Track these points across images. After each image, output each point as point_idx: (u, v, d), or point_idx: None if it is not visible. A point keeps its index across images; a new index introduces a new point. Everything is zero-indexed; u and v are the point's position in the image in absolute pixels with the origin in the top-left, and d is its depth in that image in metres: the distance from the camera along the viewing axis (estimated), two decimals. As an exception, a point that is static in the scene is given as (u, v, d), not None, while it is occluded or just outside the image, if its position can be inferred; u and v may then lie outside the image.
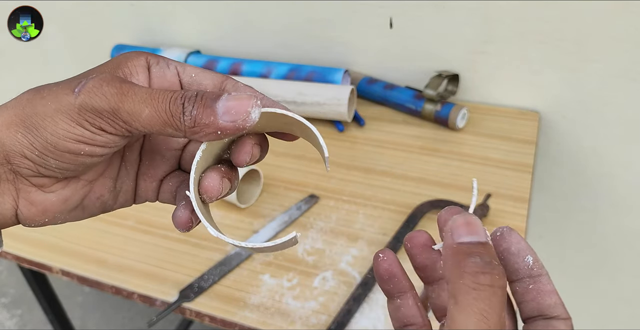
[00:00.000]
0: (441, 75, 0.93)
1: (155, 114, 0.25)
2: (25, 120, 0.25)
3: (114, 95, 0.25)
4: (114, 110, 0.25)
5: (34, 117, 0.25)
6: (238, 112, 0.25)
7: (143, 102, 0.25)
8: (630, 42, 0.83)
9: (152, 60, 0.28)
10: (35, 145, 0.25)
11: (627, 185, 0.97)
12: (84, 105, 0.25)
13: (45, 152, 0.25)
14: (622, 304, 1.15)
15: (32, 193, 0.27)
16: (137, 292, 0.68)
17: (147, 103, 0.25)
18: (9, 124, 0.25)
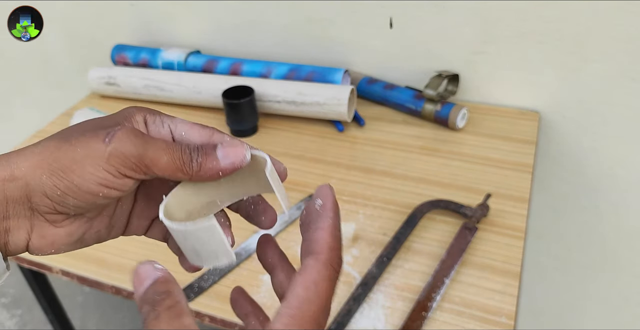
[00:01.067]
0: (441, 75, 0.93)
1: (171, 161, 0.30)
2: (51, 164, 0.29)
3: (140, 144, 0.30)
4: (140, 156, 0.29)
5: (62, 161, 0.29)
6: (236, 155, 0.31)
7: (162, 151, 0.30)
8: (630, 42, 0.83)
9: (149, 118, 0.33)
10: (58, 186, 0.29)
11: (627, 184, 0.97)
12: (114, 152, 0.29)
13: (67, 192, 0.29)
14: (622, 304, 1.15)
15: (45, 228, 0.31)
16: (137, 292, 0.68)
17: (165, 152, 0.30)
18: (35, 167, 0.29)
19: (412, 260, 0.70)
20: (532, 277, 1.17)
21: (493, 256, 0.69)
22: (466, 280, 0.67)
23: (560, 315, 1.24)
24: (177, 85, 1.01)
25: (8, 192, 0.29)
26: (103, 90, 1.09)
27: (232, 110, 0.93)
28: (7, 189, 0.29)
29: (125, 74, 1.06)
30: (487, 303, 0.64)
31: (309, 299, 0.27)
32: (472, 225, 0.72)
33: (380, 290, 0.66)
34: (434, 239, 0.72)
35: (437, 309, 0.63)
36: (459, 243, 0.70)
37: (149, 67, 1.11)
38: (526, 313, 1.24)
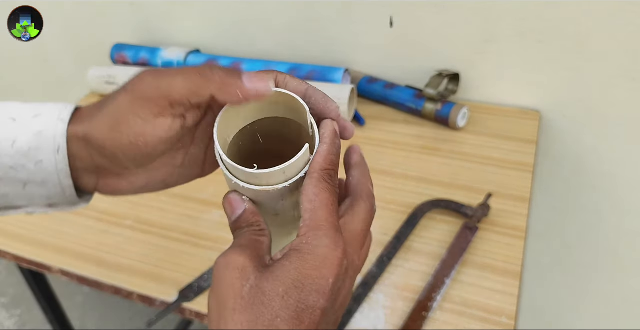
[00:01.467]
0: (442, 74, 0.92)
1: (188, 78, 0.31)
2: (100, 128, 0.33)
3: (154, 78, 0.31)
4: (157, 88, 0.31)
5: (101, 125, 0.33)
6: (260, 81, 0.31)
7: (176, 74, 0.31)
8: (631, 42, 0.83)
9: None
10: (105, 147, 0.33)
11: (628, 184, 0.97)
12: (133, 97, 0.31)
13: (115, 151, 0.32)
14: (623, 303, 1.15)
15: (108, 178, 0.35)
16: (137, 292, 0.68)
17: (178, 73, 0.31)
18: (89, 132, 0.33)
19: (412, 260, 0.70)
20: (533, 277, 1.16)
21: (494, 256, 0.69)
22: (467, 280, 0.67)
23: (561, 315, 1.23)
24: (177, 84, 1.01)
25: (75, 150, 0.34)
26: (103, 90, 1.09)
27: (232, 110, 0.92)
28: (74, 147, 0.34)
29: (125, 73, 1.06)
30: (488, 303, 0.64)
31: (314, 209, 0.30)
32: (473, 225, 0.72)
33: (381, 290, 0.66)
34: (434, 239, 0.72)
35: (437, 309, 0.63)
36: (459, 243, 0.70)
37: (149, 67, 1.11)
38: (527, 313, 1.24)
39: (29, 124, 0.33)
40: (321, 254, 0.28)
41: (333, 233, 0.29)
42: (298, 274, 0.28)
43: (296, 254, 0.28)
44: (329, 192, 0.30)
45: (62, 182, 0.34)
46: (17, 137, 0.33)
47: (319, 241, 0.29)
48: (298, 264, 0.28)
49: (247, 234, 0.31)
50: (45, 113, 0.34)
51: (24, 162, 0.33)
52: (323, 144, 0.32)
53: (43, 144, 0.33)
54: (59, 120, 0.33)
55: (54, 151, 0.33)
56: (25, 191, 0.34)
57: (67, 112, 0.34)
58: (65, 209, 0.37)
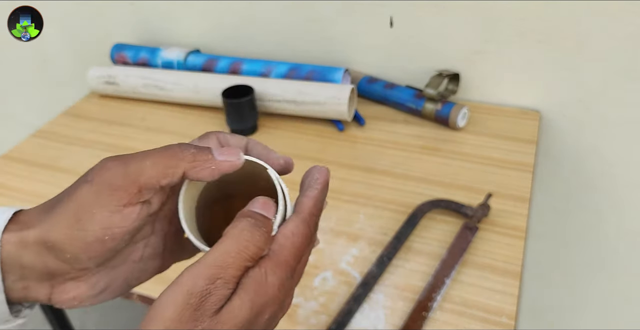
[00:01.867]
0: (442, 74, 0.92)
1: (157, 161, 0.29)
2: (56, 228, 0.30)
3: (120, 164, 0.29)
4: (125, 174, 0.29)
5: (61, 225, 0.30)
6: (230, 153, 0.31)
7: (142, 157, 0.30)
8: (630, 42, 0.83)
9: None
10: (66, 250, 0.29)
11: (628, 184, 0.97)
12: (99, 186, 0.29)
13: (77, 252, 0.29)
14: (623, 303, 1.15)
15: (66, 284, 0.31)
16: (137, 293, 0.68)
17: (145, 156, 0.30)
18: (42, 234, 0.30)
19: (412, 260, 0.70)
20: (533, 277, 1.16)
21: (494, 256, 0.69)
22: (467, 280, 0.67)
23: (561, 315, 1.23)
24: (177, 84, 1.01)
25: (23, 258, 0.30)
26: (102, 90, 1.09)
27: (232, 110, 0.92)
28: (21, 254, 0.30)
29: (125, 73, 1.06)
30: (488, 303, 0.64)
31: (284, 246, 0.29)
32: (473, 225, 0.72)
33: (381, 290, 0.66)
34: (434, 239, 0.72)
35: (437, 309, 0.63)
36: (459, 243, 0.70)
37: (149, 66, 1.11)
38: (527, 313, 1.24)
39: None
40: (274, 293, 0.28)
41: (288, 275, 0.29)
42: (249, 314, 0.28)
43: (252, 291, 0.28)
44: (304, 238, 0.30)
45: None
46: None
47: (276, 279, 0.28)
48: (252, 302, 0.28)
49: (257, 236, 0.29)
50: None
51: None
52: (315, 189, 0.31)
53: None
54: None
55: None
56: None
57: (2, 219, 0.30)
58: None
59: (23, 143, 0.99)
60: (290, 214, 0.31)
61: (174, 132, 0.98)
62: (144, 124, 1.01)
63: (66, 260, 0.30)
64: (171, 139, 0.96)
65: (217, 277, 0.27)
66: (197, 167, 0.30)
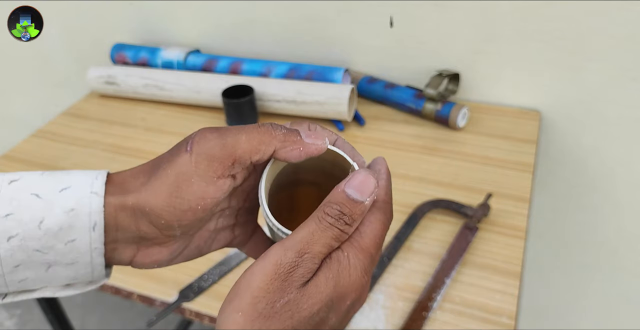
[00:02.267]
0: (442, 74, 0.92)
1: (251, 137, 0.30)
2: (155, 195, 0.30)
3: (218, 136, 0.30)
4: (222, 146, 0.30)
5: (160, 190, 0.30)
6: (317, 137, 0.32)
7: (238, 132, 0.30)
8: (630, 41, 0.83)
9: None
10: (161, 215, 0.30)
11: (628, 184, 0.97)
12: (198, 157, 0.30)
13: (171, 218, 0.30)
14: (622, 304, 1.15)
15: (150, 248, 0.33)
16: (137, 292, 0.68)
17: (240, 131, 0.30)
18: (140, 200, 0.31)
19: (412, 260, 0.70)
20: (533, 277, 1.16)
21: (494, 256, 0.69)
22: (467, 280, 0.67)
23: (561, 315, 1.23)
24: (177, 84, 1.01)
25: (119, 220, 0.31)
26: (103, 90, 1.09)
27: (232, 110, 0.92)
28: (118, 217, 0.31)
29: (125, 73, 1.06)
30: (488, 303, 0.64)
31: (365, 233, 0.30)
32: (473, 225, 0.72)
33: (381, 290, 0.66)
34: (434, 239, 0.72)
35: (437, 309, 0.63)
36: (459, 243, 0.70)
37: (149, 66, 1.11)
38: (527, 313, 1.24)
39: (57, 200, 0.30)
40: (356, 275, 0.29)
41: (372, 257, 0.30)
42: (332, 292, 0.28)
43: (335, 268, 0.28)
44: (382, 225, 0.31)
45: (94, 261, 0.31)
46: (44, 217, 0.29)
47: (358, 261, 0.29)
48: (335, 280, 0.28)
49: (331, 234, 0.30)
50: (75, 185, 0.30)
51: (52, 243, 0.30)
52: (381, 179, 0.32)
53: (76, 222, 0.30)
54: (93, 194, 0.30)
55: (89, 229, 0.30)
56: (47, 273, 0.31)
57: (100, 183, 0.31)
58: (81, 289, 0.34)
59: (23, 143, 0.99)
60: None
61: (174, 132, 0.98)
62: (144, 124, 1.01)
63: (159, 225, 0.31)
64: (171, 139, 0.96)
65: (304, 251, 0.28)
66: (287, 147, 0.31)
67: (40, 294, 0.33)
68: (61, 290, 0.33)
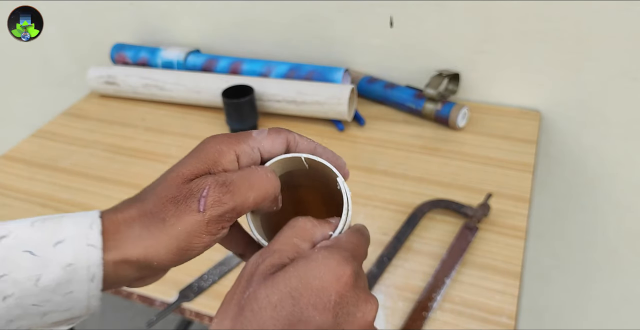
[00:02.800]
0: (442, 74, 0.92)
1: (258, 196, 0.31)
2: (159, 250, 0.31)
3: (230, 199, 0.31)
4: (233, 208, 0.31)
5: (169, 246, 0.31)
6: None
7: (248, 191, 0.31)
8: (631, 41, 0.83)
9: (240, 152, 0.34)
10: (166, 263, 0.31)
11: (628, 184, 0.97)
12: (212, 218, 0.30)
13: (174, 263, 0.31)
14: (623, 304, 1.15)
15: (140, 282, 0.34)
16: (137, 292, 0.68)
17: (251, 191, 0.31)
18: (144, 254, 0.31)
19: (412, 260, 0.70)
20: (533, 277, 1.16)
21: (494, 256, 0.69)
22: (467, 280, 0.67)
23: (561, 315, 1.24)
24: (177, 84, 1.01)
25: (119, 272, 0.31)
26: (103, 90, 1.09)
27: (232, 110, 0.92)
28: (118, 270, 0.31)
29: (125, 73, 1.06)
30: (488, 303, 0.64)
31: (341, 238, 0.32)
32: (473, 225, 0.72)
33: (381, 290, 0.66)
34: (434, 239, 0.72)
35: (437, 309, 0.63)
36: (459, 243, 0.70)
37: (149, 66, 1.11)
38: (527, 313, 1.24)
39: (53, 256, 0.29)
40: (329, 264, 0.28)
41: (348, 254, 0.29)
42: (298, 282, 0.27)
43: (302, 261, 0.28)
44: (364, 240, 0.33)
45: (90, 305, 0.31)
46: (41, 274, 0.29)
47: (331, 254, 0.28)
48: (301, 271, 0.27)
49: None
50: (69, 238, 0.29)
51: (49, 297, 0.29)
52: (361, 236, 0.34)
53: (74, 276, 0.29)
54: (90, 247, 0.30)
55: (88, 281, 0.30)
56: (42, 320, 0.31)
57: (96, 234, 0.30)
58: (74, 323, 0.34)
59: (23, 143, 0.99)
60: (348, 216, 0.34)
61: (174, 132, 0.98)
62: (144, 124, 1.01)
63: (160, 271, 0.33)
64: (171, 139, 0.96)
65: (271, 248, 0.30)
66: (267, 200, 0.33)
67: None
68: (49, 327, 0.33)
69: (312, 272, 0.27)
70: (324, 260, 0.28)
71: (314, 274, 0.27)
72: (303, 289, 0.26)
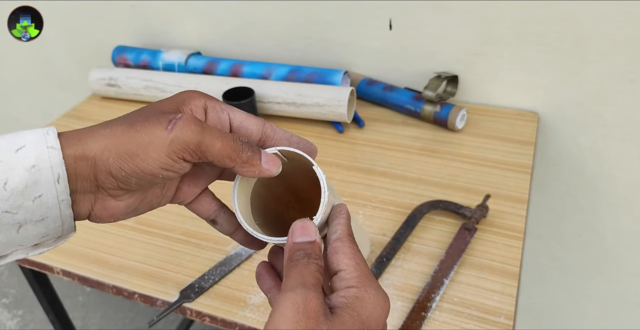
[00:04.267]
0: (440, 76, 0.93)
1: (223, 148, 0.33)
2: (118, 148, 0.32)
3: (199, 131, 0.32)
4: (198, 143, 0.32)
5: (128, 146, 0.32)
6: (273, 164, 0.35)
7: (217, 138, 0.33)
8: (628, 44, 0.83)
9: (209, 104, 0.36)
10: (123, 168, 0.32)
11: (626, 185, 0.98)
12: (175, 139, 0.32)
13: (131, 174, 0.32)
14: (621, 304, 1.16)
15: (107, 201, 0.35)
16: (138, 292, 0.69)
17: (219, 139, 0.33)
18: (103, 149, 0.32)
19: (411, 260, 0.70)
20: (531, 278, 1.17)
21: (492, 257, 0.70)
22: (465, 280, 0.67)
23: (559, 316, 1.24)
24: (178, 86, 1.02)
25: (78, 170, 0.32)
26: (104, 92, 1.09)
27: (233, 112, 0.93)
28: (77, 167, 0.32)
29: (126, 76, 1.07)
30: (486, 303, 0.64)
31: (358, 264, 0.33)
32: (471, 226, 0.73)
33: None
34: (433, 240, 0.73)
35: (436, 309, 0.64)
36: (458, 243, 0.71)
37: (150, 69, 1.12)
38: (525, 313, 1.24)
39: (16, 160, 0.31)
40: (380, 304, 0.32)
41: (380, 287, 0.33)
42: (362, 324, 0.31)
43: (359, 303, 0.31)
44: (359, 252, 0.34)
45: (63, 214, 0.33)
46: (7, 177, 0.30)
47: (377, 293, 0.32)
48: (363, 315, 0.31)
49: (313, 267, 0.32)
50: (29, 143, 0.31)
51: (20, 202, 0.31)
52: (341, 218, 0.36)
53: (40, 177, 0.31)
54: (50, 148, 0.31)
55: (54, 182, 0.31)
56: (18, 234, 0.32)
57: (53, 138, 0.32)
58: (51, 245, 0.35)
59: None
60: (327, 201, 0.35)
61: (175, 133, 0.99)
62: (145, 126, 1.02)
63: (119, 177, 0.33)
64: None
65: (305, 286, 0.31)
66: (245, 167, 0.34)
67: (12, 258, 0.34)
68: (32, 251, 0.34)
69: (372, 314, 0.31)
70: (376, 302, 0.32)
71: (373, 316, 0.31)
72: (367, 323, 0.31)
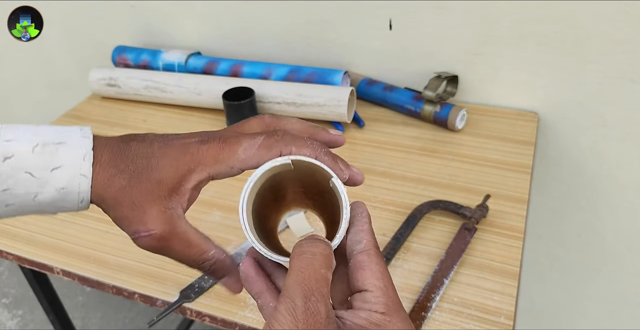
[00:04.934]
0: (440, 76, 0.93)
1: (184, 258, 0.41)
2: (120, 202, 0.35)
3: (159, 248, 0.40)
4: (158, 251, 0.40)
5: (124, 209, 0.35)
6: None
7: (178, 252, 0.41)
8: (628, 44, 0.83)
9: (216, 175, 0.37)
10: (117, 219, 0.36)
11: (626, 185, 0.98)
12: (138, 244, 0.37)
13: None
14: (621, 304, 1.16)
15: None
16: (138, 292, 0.69)
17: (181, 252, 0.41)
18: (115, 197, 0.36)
19: (411, 260, 0.70)
20: (531, 278, 1.17)
21: (492, 257, 0.70)
22: (465, 280, 0.67)
23: (559, 316, 1.24)
24: (178, 86, 1.02)
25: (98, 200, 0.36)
26: (104, 92, 1.09)
27: (233, 112, 0.93)
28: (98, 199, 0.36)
29: (126, 76, 1.07)
30: (486, 303, 0.64)
31: (386, 287, 0.31)
32: (471, 226, 0.73)
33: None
34: (433, 240, 0.73)
35: (436, 309, 0.64)
36: (458, 243, 0.71)
37: (150, 69, 1.12)
38: (525, 313, 1.24)
39: (50, 179, 0.34)
40: None
41: (408, 318, 0.31)
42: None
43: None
44: (387, 271, 0.32)
45: (80, 209, 0.36)
46: (38, 192, 0.34)
47: (403, 325, 0.31)
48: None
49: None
50: (65, 165, 0.34)
51: (45, 210, 0.35)
52: (364, 223, 0.35)
53: (67, 197, 0.34)
54: (82, 176, 0.34)
55: (78, 202, 0.35)
56: (38, 209, 0.36)
57: (87, 166, 0.34)
58: None
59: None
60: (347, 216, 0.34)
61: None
62: (146, 126, 1.02)
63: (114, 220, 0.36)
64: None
65: (308, 294, 0.28)
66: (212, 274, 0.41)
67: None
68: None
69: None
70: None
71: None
72: None
